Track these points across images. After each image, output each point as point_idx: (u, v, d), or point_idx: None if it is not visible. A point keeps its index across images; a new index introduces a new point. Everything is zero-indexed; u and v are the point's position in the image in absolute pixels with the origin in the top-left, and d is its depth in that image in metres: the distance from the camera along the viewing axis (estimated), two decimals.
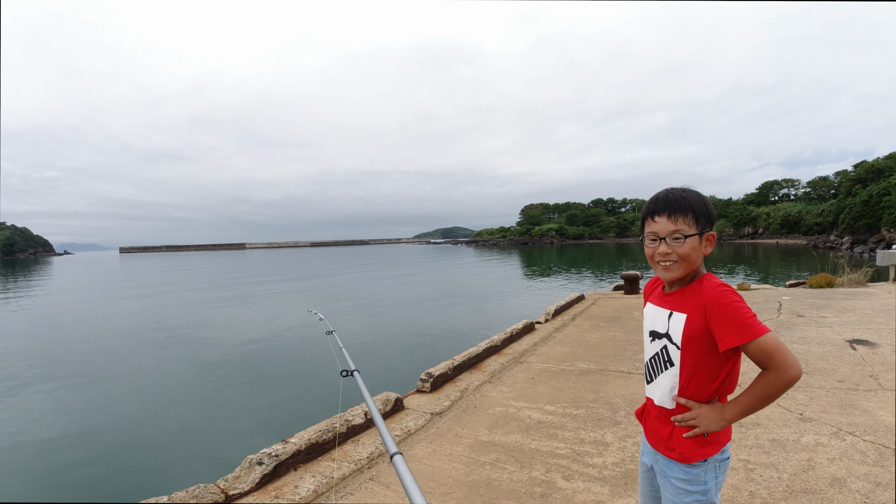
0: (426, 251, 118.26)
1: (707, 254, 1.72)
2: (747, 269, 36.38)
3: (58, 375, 11.73)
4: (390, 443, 1.54)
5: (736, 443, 3.87)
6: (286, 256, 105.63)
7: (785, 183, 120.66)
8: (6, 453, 7.38)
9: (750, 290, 13.41)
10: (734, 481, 3.31)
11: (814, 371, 5.65)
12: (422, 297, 25.29)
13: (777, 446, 3.79)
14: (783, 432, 4.04)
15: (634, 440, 4.06)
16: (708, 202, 1.72)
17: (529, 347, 7.74)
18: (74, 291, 37.14)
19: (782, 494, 3.13)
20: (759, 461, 3.56)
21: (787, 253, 56.90)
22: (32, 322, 22.01)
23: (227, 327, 17.60)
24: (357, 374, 2.54)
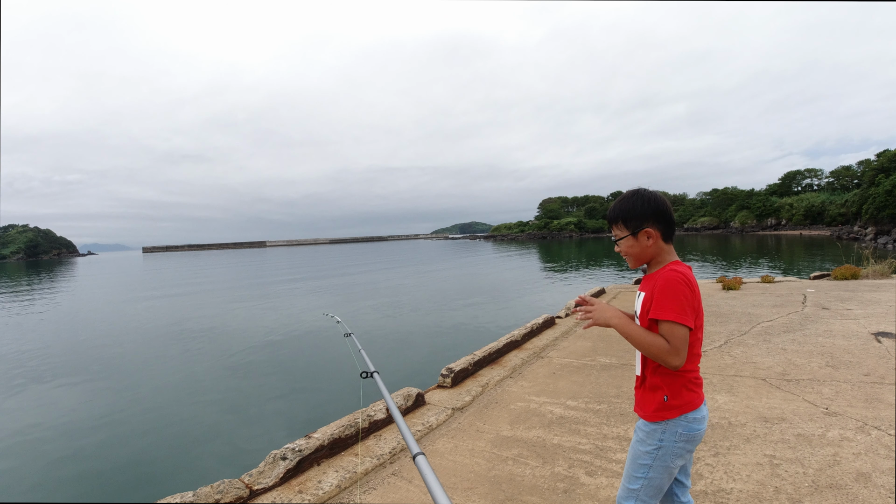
0: (444, 247, 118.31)
1: (650, 246, 2.00)
2: (771, 261, 35.88)
3: (83, 372, 11.96)
4: (412, 443, 1.55)
5: (761, 438, 3.83)
6: (306, 254, 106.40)
7: (808, 173, 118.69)
8: (35, 448, 7.55)
9: (774, 282, 13.23)
10: (760, 477, 3.28)
11: (839, 365, 5.56)
12: (441, 292, 25.31)
13: (803, 441, 3.74)
14: (809, 427, 3.98)
15: None
16: (635, 205, 2.02)
17: (550, 342, 7.72)
18: (98, 291, 37.79)
19: (808, 490, 3.09)
20: (784, 456, 3.52)
21: (811, 244, 55.99)
22: (58, 321, 22.45)
23: (249, 327, 17.79)
24: (377, 375, 2.56)
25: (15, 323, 22.12)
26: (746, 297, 10.75)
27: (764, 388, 4.97)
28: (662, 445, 1.94)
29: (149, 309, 24.76)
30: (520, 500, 3.26)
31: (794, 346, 6.42)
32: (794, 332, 7.19)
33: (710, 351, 6.49)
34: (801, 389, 4.85)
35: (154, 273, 61.80)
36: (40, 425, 8.52)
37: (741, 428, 4.04)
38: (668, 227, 2.03)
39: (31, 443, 7.78)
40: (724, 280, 12.83)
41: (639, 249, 2.02)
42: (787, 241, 66.44)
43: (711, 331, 7.68)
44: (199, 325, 18.09)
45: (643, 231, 2.00)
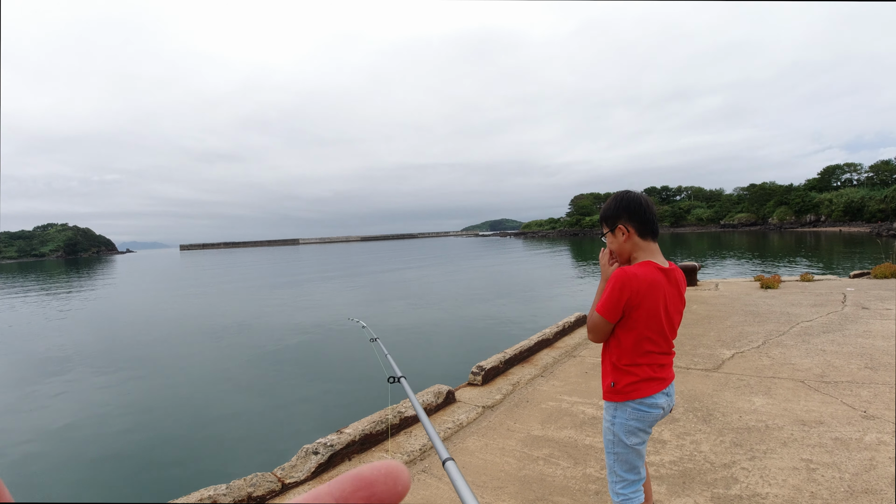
0: (474, 244, 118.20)
1: (625, 242, 2.23)
2: (810, 259, 34.96)
3: (120, 367, 12.30)
4: (441, 449, 1.56)
5: (799, 442, 3.75)
6: (338, 252, 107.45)
7: (847, 167, 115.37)
8: (70, 439, 7.80)
9: (814, 280, 12.90)
10: (796, 482, 3.21)
11: (878, 366, 5.40)
12: (471, 290, 25.31)
13: (840, 445, 3.65)
14: (846, 430, 3.88)
15: (693, 438, 3.98)
16: (610, 205, 2.30)
17: (582, 341, 7.66)
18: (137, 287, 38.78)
19: (843, 495, 3.02)
20: (821, 461, 3.44)
21: (851, 241, 54.33)
22: (97, 316, 23.12)
23: (282, 323, 18.06)
24: (404, 380, 2.58)
25: (56, 318, 22.87)
26: (785, 296, 10.51)
27: (802, 390, 4.86)
28: (614, 422, 2.22)
29: (186, 304, 25.34)
30: (550, 500, 3.25)
31: (833, 347, 6.25)
32: (833, 333, 7.01)
33: (747, 352, 6.37)
34: (840, 392, 4.73)
35: (192, 270, 63.18)
36: (76, 417, 8.80)
37: (778, 431, 3.96)
38: (643, 224, 2.22)
39: (67, 435, 8.03)
40: (763, 278, 12.56)
41: (617, 246, 2.26)
42: (826, 238, 64.63)
43: (749, 331, 7.54)
44: (233, 321, 18.44)
45: (618, 228, 2.24)
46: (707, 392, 4.98)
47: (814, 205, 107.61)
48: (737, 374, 5.47)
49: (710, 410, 4.51)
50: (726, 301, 10.41)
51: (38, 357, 13.91)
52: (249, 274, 46.95)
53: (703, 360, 6.11)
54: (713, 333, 7.54)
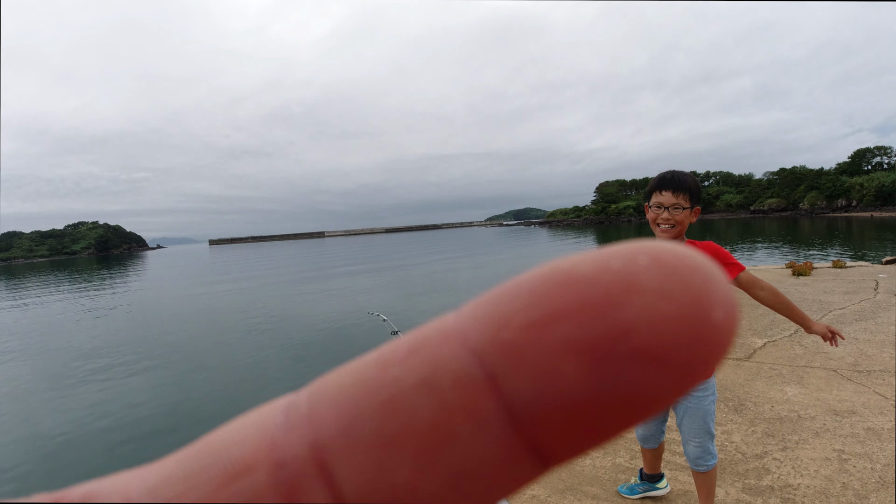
0: (499, 234, 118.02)
1: (693, 221, 2.38)
2: (843, 246, 34.22)
3: (154, 361, 12.62)
4: None
5: (831, 432, 3.74)
6: (363, 243, 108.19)
7: (878, 151, 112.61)
8: (102, 432, 8.05)
9: (846, 267, 12.67)
10: (827, 472, 3.22)
11: None
12: (496, 281, 25.31)
13: (872, 435, 3.63)
14: (879, 420, 3.86)
15: (724, 428, 3.98)
16: (698, 184, 2.40)
17: None
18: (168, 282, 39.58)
19: (874, 486, 3.02)
20: (853, 451, 3.44)
21: (883, 227, 53.05)
22: (130, 310, 23.69)
23: (307, 317, 18.30)
24: None
25: (90, 313, 23.50)
26: (817, 284, 10.35)
27: (835, 379, 4.82)
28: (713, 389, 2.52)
29: (216, 297, 25.82)
30: (580, 490, 3.30)
31: (866, 336, 6.17)
32: (866, 321, 6.91)
33: (779, 340, 6.32)
34: (873, 381, 4.69)
35: (221, 264, 64.25)
36: (108, 410, 9.07)
37: (810, 422, 3.95)
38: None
39: (99, 427, 8.29)
40: (795, 265, 12.37)
41: (686, 223, 2.35)
42: (858, 224, 63.22)
43: (780, 319, 7.44)
44: (263, 314, 18.76)
45: (696, 208, 2.37)
46: (739, 382, 4.98)
47: (845, 189, 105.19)
48: (769, 364, 5.44)
49: (741, 400, 4.51)
50: None
51: (75, 353, 14.35)
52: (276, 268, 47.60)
53: (735, 349, 6.08)
54: (744, 322, 7.48)
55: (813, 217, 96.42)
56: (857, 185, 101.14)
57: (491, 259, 40.28)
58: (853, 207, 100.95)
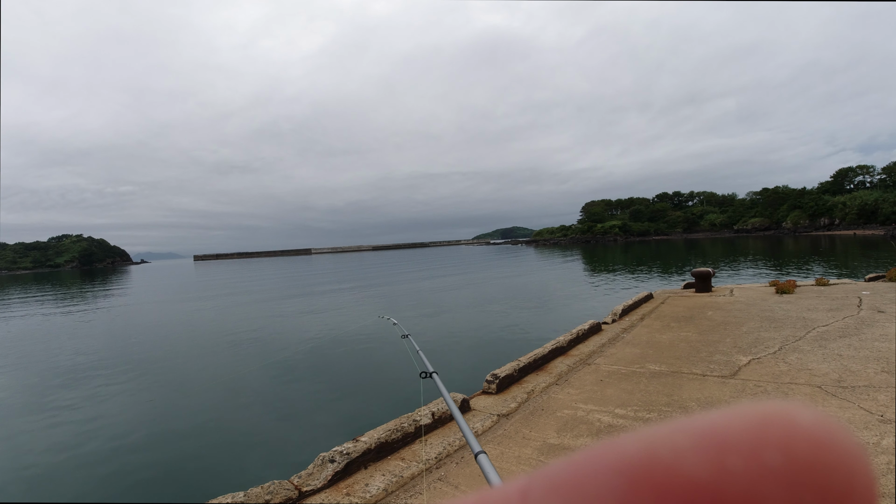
0: (487, 252, 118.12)
1: None
2: (826, 263, 34.60)
3: (135, 376, 12.40)
4: (473, 442, 1.59)
5: None
6: (351, 261, 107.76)
7: (860, 170, 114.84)
8: (85, 449, 7.86)
9: (829, 285, 12.77)
10: None
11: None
12: (484, 298, 25.29)
13: None
14: (864, 435, 3.85)
15: None
16: None
17: (597, 349, 7.64)
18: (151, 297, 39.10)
19: None
20: None
21: (865, 244, 53.80)
22: (111, 325, 23.33)
23: (299, 331, 18.13)
24: (436, 375, 2.60)
25: (70, 327, 23.09)
26: (801, 301, 10.42)
27: (820, 395, 4.81)
28: None
29: (200, 313, 25.51)
30: None
31: (849, 352, 6.19)
32: (849, 337, 6.94)
33: (764, 358, 6.32)
34: (857, 396, 4.69)
35: (205, 280, 63.59)
36: (91, 427, 8.87)
37: None
38: None
39: (81, 444, 8.10)
40: (778, 283, 12.46)
41: None
42: (841, 242, 64.04)
43: (765, 336, 7.48)
44: (248, 328, 18.54)
45: None
46: (724, 399, 4.95)
47: (827, 208, 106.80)
48: (754, 381, 5.43)
49: None
50: (742, 307, 10.33)
51: (55, 367, 14.06)
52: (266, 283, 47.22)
53: (720, 367, 6.07)
54: (729, 340, 7.49)
55: (796, 236, 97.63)
56: (840, 204, 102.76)
57: (478, 277, 40.23)
58: (836, 226, 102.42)
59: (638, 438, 0.12)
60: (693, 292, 13.22)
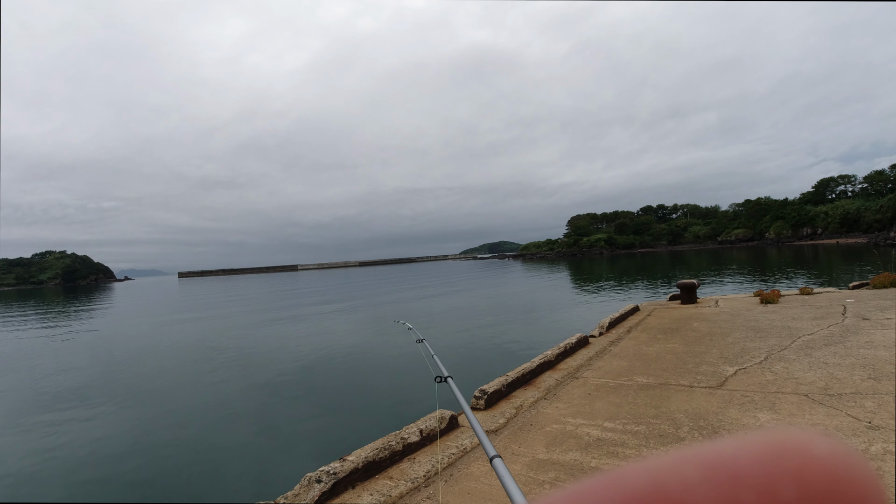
0: (474, 267, 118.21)
1: None
2: (809, 273, 35.00)
3: (119, 396, 12.19)
4: (489, 446, 1.58)
5: None
6: (337, 277, 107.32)
7: (841, 179, 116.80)
8: (66, 469, 7.70)
9: (813, 293, 12.90)
10: None
11: (881, 376, 5.39)
12: (471, 313, 25.26)
13: None
14: (852, 442, 3.86)
15: None
16: None
17: (584, 362, 7.63)
18: (135, 315, 38.61)
19: None
20: None
21: (849, 253, 54.59)
22: (94, 344, 22.97)
23: (285, 349, 17.96)
24: (451, 380, 2.59)
25: (53, 345, 22.71)
26: (785, 311, 10.50)
27: (806, 403, 4.83)
28: None
29: (187, 331, 25.21)
30: None
31: (835, 360, 6.23)
32: (835, 345, 6.99)
33: (750, 368, 6.34)
34: (844, 404, 4.71)
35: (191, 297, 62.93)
36: (71, 446, 8.69)
37: None
38: None
39: (62, 464, 7.94)
40: (762, 293, 12.56)
41: None
42: (825, 251, 64.86)
43: (751, 346, 7.52)
44: (235, 346, 18.35)
45: None
46: (712, 410, 4.96)
47: (810, 218, 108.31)
48: (740, 391, 5.44)
49: (715, 428, 4.48)
50: (727, 317, 10.40)
51: (36, 388, 13.79)
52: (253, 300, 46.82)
53: (707, 378, 6.09)
54: (715, 350, 7.52)
55: (779, 246, 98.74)
56: (822, 214, 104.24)
57: (465, 292, 40.20)
58: (819, 235, 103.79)
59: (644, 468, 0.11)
60: (679, 304, 13.29)
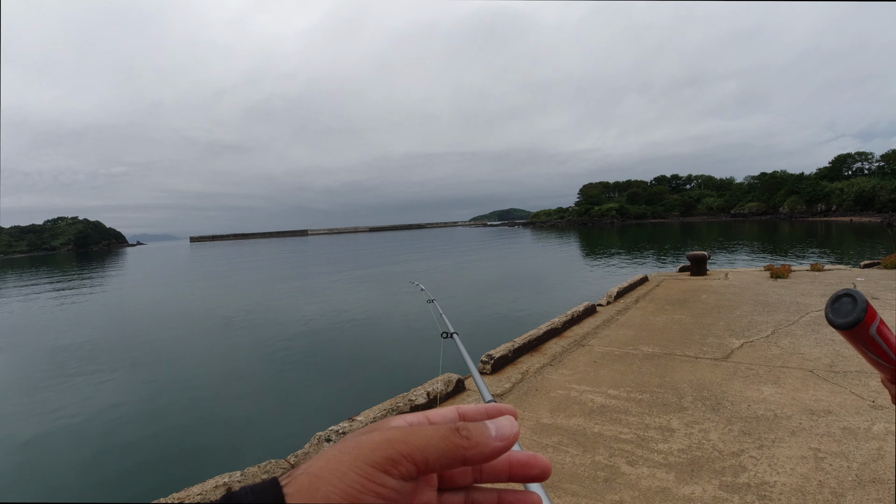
0: (483, 234, 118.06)
1: None
2: (821, 249, 34.73)
3: (136, 359, 12.44)
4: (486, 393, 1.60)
5: (807, 431, 3.77)
6: (347, 242, 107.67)
7: (858, 156, 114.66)
8: (81, 432, 7.91)
9: (824, 270, 12.83)
10: (804, 470, 3.24)
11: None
12: (480, 281, 25.35)
13: (848, 434, 3.67)
14: (855, 420, 3.90)
15: (702, 426, 4.00)
16: None
17: (591, 331, 7.69)
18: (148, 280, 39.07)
19: (851, 484, 3.04)
20: (829, 450, 3.46)
21: (861, 231, 53.96)
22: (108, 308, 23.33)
23: (296, 312, 18.18)
24: (456, 336, 2.65)
25: (69, 311, 23.10)
26: (795, 286, 10.47)
27: (811, 379, 4.87)
28: None
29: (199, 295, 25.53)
30: (559, 487, 3.29)
31: (842, 338, 6.23)
32: None
33: (757, 341, 6.37)
34: (849, 382, 4.74)
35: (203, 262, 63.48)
36: (87, 409, 8.92)
37: (787, 420, 3.98)
38: None
39: (77, 427, 8.15)
40: (773, 268, 12.51)
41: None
42: (837, 228, 64.16)
43: (759, 320, 7.53)
44: (249, 310, 18.59)
45: None
46: (716, 381, 5.00)
47: (825, 194, 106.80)
48: (746, 364, 5.48)
49: (718, 399, 4.54)
50: (736, 290, 10.39)
51: (51, 350, 14.09)
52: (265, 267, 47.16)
53: (713, 350, 6.13)
54: (723, 323, 7.54)
55: (792, 221, 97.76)
56: (837, 190, 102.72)
57: (473, 259, 40.28)
58: (833, 212, 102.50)
59: None
60: (688, 275, 13.28)
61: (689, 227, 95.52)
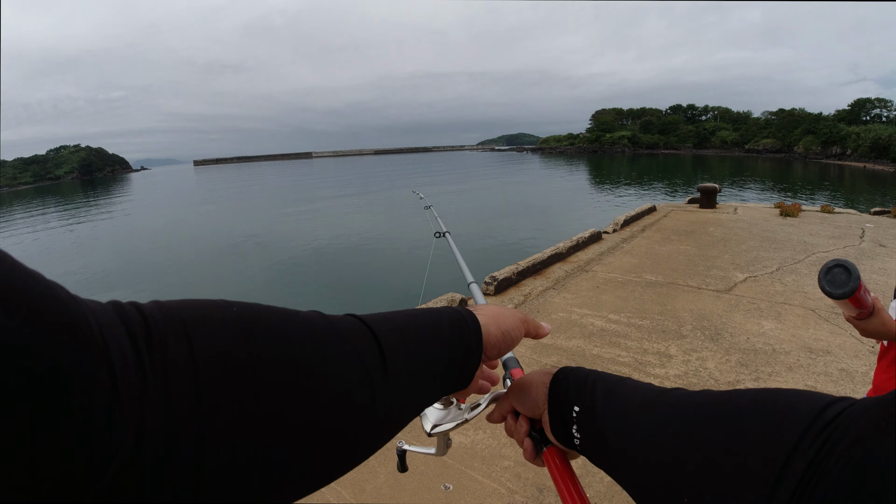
0: (491, 159, 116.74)
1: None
2: (833, 192, 34.33)
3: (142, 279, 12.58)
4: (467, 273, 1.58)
5: (805, 368, 3.81)
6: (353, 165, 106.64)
7: (878, 102, 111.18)
8: None
9: (834, 213, 12.71)
10: None
11: (889, 304, 5.40)
12: (487, 207, 25.24)
13: (845, 376, 3.71)
14: (853, 363, 3.93)
15: (699, 354, 4.05)
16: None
17: (595, 257, 7.69)
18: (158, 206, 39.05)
19: None
20: (825, 389, 3.51)
21: (875, 179, 53.08)
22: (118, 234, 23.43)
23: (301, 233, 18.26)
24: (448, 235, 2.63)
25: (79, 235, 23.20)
26: (804, 226, 10.39)
27: (812, 318, 4.89)
28: None
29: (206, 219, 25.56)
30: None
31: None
32: None
33: (760, 277, 6.37)
34: (850, 325, 4.75)
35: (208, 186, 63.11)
36: None
37: (785, 356, 4.02)
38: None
39: None
40: (783, 206, 12.38)
41: None
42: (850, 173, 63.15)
43: (764, 256, 7.51)
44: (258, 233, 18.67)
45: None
46: (717, 312, 5.03)
47: (841, 137, 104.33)
48: (748, 298, 5.50)
49: (718, 330, 4.57)
50: (744, 225, 10.32)
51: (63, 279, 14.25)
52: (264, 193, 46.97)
53: (716, 282, 6.14)
54: (727, 256, 7.53)
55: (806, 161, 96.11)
56: (854, 135, 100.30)
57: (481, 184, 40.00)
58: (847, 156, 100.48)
59: None
60: (697, 207, 13.16)
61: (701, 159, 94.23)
